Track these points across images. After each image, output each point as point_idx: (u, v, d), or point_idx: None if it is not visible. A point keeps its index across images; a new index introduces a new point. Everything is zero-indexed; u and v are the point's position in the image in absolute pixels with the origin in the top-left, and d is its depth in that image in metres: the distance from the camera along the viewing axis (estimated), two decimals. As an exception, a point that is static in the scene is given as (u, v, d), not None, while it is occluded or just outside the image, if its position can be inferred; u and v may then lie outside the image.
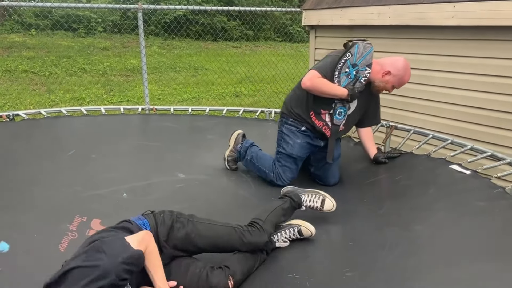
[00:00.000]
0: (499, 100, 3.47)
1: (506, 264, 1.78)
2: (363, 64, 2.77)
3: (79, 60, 10.94)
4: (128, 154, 3.53)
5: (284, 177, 2.98)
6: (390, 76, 2.85)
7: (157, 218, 2.00)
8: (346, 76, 2.78)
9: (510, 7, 3.24)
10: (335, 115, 2.87)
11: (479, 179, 2.56)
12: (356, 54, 2.75)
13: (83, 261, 1.58)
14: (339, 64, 2.77)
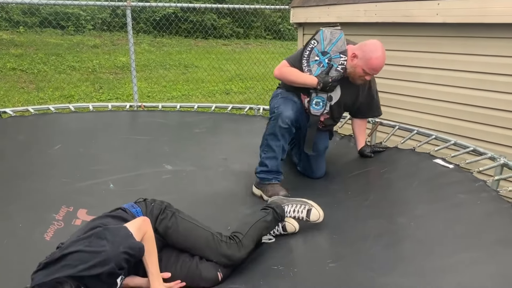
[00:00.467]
0: (483, 96, 3.53)
1: (485, 254, 1.82)
2: (335, 51, 2.67)
3: (68, 58, 10.87)
4: (116, 147, 3.54)
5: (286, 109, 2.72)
6: (357, 59, 2.65)
7: (148, 206, 2.03)
8: (318, 64, 2.69)
9: (494, 5, 3.29)
10: (312, 105, 2.78)
11: (462, 173, 2.60)
12: (323, 41, 2.66)
13: (85, 246, 1.60)
14: (305, 52, 2.69)
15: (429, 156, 2.88)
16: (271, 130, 2.74)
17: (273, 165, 2.78)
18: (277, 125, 2.71)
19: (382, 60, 2.66)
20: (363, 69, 2.65)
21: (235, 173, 3.18)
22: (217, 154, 3.47)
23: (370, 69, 2.65)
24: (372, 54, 2.62)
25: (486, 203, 2.22)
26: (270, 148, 2.76)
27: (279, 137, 2.72)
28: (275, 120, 2.72)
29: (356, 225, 2.32)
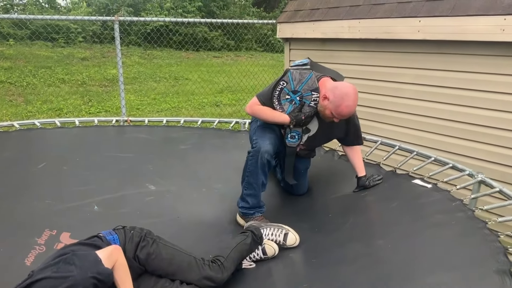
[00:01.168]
0: (463, 111, 3.58)
1: (457, 275, 1.84)
2: (306, 90, 2.63)
3: (58, 71, 10.88)
4: (100, 166, 3.53)
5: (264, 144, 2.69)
6: (327, 101, 2.57)
7: (127, 234, 2.03)
8: (289, 102, 2.66)
9: (471, 23, 3.36)
10: (287, 138, 2.77)
11: (439, 192, 2.63)
12: (293, 82, 2.62)
13: (53, 272, 1.61)
14: (275, 92, 2.66)
15: (408, 177, 2.91)
16: (251, 167, 2.72)
17: (254, 202, 2.77)
18: (257, 162, 2.68)
19: (352, 109, 2.60)
20: (331, 112, 2.59)
21: (219, 193, 3.18)
22: (201, 173, 3.47)
23: (339, 115, 2.59)
24: (343, 102, 2.53)
25: (461, 223, 2.24)
26: (250, 186, 2.75)
27: (259, 174, 2.71)
28: (254, 157, 2.69)
29: (335, 248, 2.34)
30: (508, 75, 3.29)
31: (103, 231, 2.02)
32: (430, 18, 3.67)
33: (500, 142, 3.39)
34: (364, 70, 4.41)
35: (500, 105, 3.36)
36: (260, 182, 2.75)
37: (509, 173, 3.36)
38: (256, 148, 2.69)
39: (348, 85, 2.60)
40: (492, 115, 3.41)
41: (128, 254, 1.95)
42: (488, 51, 3.39)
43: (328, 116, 2.63)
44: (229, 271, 2.11)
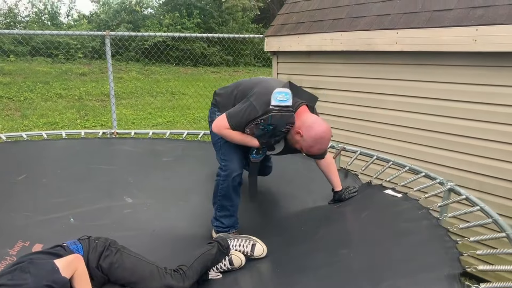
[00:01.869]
0: (441, 122, 3.61)
1: (411, 280, 1.85)
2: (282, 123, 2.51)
3: (56, 86, 11.01)
4: (81, 178, 3.56)
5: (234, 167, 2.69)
6: (299, 137, 2.51)
7: (91, 244, 2.06)
8: (262, 130, 2.52)
9: (445, 34, 3.41)
10: (252, 154, 2.71)
11: (408, 201, 2.64)
12: (271, 120, 2.48)
13: (8, 280, 1.64)
14: (250, 125, 2.53)
15: (381, 187, 2.93)
16: (224, 191, 2.71)
17: (230, 222, 2.79)
18: (229, 186, 2.68)
19: (323, 151, 2.64)
20: (301, 148, 2.56)
21: (196, 207, 3.20)
22: (180, 186, 3.49)
23: (308, 153, 2.61)
24: (315, 145, 2.50)
25: (424, 230, 2.26)
26: (224, 208, 2.76)
27: (233, 197, 2.73)
28: (226, 181, 2.68)
29: (300, 258, 2.36)
30: (481, 85, 3.32)
31: (68, 241, 2.05)
32: (407, 30, 3.73)
33: (475, 151, 3.41)
34: (346, 82, 4.46)
35: (475, 115, 3.39)
36: (235, 203, 2.77)
37: (486, 182, 3.37)
38: (228, 173, 2.68)
39: (323, 127, 2.49)
40: (468, 125, 3.44)
41: (91, 264, 1.98)
42: (463, 62, 3.43)
43: (296, 148, 2.60)
44: (191, 280, 2.13)
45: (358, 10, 4.35)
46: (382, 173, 3.18)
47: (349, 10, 4.43)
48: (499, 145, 3.25)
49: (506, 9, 3.11)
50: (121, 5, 16.47)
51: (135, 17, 15.80)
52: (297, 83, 2.73)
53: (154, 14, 17.22)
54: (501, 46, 3.07)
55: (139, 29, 15.54)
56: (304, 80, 5.01)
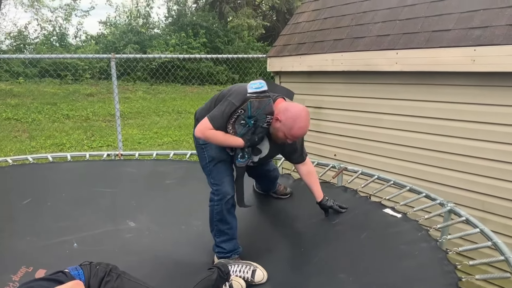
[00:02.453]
0: (440, 141, 3.62)
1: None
2: (262, 114, 2.56)
3: (63, 107, 11.16)
4: (85, 201, 3.59)
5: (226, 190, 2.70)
6: (279, 123, 2.57)
7: (92, 269, 2.09)
8: (243, 126, 2.57)
9: (444, 54, 3.44)
10: (237, 159, 2.68)
11: (408, 222, 2.65)
12: (250, 109, 2.54)
13: None
14: (231, 119, 2.56)
15: (380, 205, 2.94)
16: (219, 216, 2.72)
17: (230, 246, 2.77)
18: (223, 210, 2.70)
19: (304, 130, 2.62)
20: (284, 134, 2.59)
21: (197, 231, 3.20)
22: (183, 209, 3.50)
23: (292, 137, 2.61)
24: (295, 124, 2.55)
25: (423, 254, 2.27)
26: (223, 233, 2.76)
27: (228, 220, 2.74)
28: (219, 205, 2.70)
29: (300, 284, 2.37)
30: (480, 105, 3.34)
31: (69, 267, 2.08)
32: (406, 50, 3.76)
33: (476, 170, 3.41)
34: (347, 101, 4.49)
35: (474, 134, 3.40)
36: (233, 225, 2.77)
37: (487, 202, 3.36)
38: (220, 197, 2.69)
39: (299, 107, 2.61)
40: (468, 144, 3.44)
41: None
42: (462, 81, 3.45)
43: (281, 138, 2.63)
44: None
45: (358, 31, 4.40)
46: (383, 192, 3.19)
47: (349, 31, 4.49)
48: (499, 164, 3.25)
49: (503, 30, 3.13)
50: (128, 26, 16.74)
51: (141, 38, 16.04)
52: (299, 103, 2.79)
53: (160, 34, 17.47)
54: (499, 66, 3.09)
55: (146, 49, 15.75)
56: (306, 99, 5.05)
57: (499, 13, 3.22)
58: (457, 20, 3.50)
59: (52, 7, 17.94)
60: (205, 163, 2.78)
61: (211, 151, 2.72)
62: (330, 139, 4.79)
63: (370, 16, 4.35)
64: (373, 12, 4.36)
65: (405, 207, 2.95)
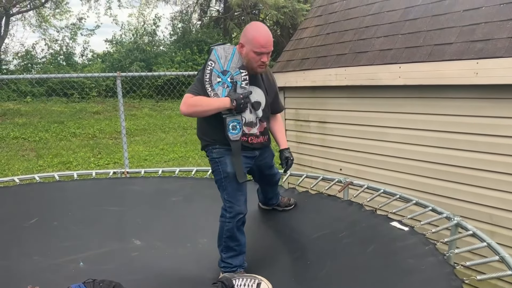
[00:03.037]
0: (445, 154, 3.61)
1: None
2: (234, 68, 2.55)
3: (70, 125, 11.25)
4: (91, 220, 3.60)
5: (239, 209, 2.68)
6: (243, 47, 2.55)
7: (96, 287, 2.09)
8: (222, 86, 2.54)
9: (447, 68, 3.45)
10: (229, 131, 2.57)
11: (415, 236, 2.63)
12: (220, 60, 2.54)
13: None
14: (205, 76, 2.54)
15: (387, 219, 2.93)
16: (229, 233, 2.69)
17: (237, 262, 2.74)
18: (233, 227, 2.67)
19: (265, 34, 2.54)
20: (253, 51, 2.51)
21: (203, 249, 3.19)
22: (189, 226, 3.50)
23: (259, 47, 2.51)
24: (255, 33, 2.52)
25: (430, 268, 2.25)
26: (230, 249, 2.73)
27: (238, 237, 2.71)
28: (231, 223, 2.67)
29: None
30: (484, 117, 3.33)
31: (73, 285, 2.09)
32: (409, 64, 3.77)
33: (482, 183, 3.39)
34: (352, 116, 4.50)
35: (479, 146, 3.38)
36: (242, 242, 2.75)
37: (495, 215, 3.33)
38: (233, 215, 2.67)
39: (253, 22, 2.68)
40: (473, 157, 3.42)
41: None
42: (465, 94, 3.45)
43: (255, 60, 2.55)
44: None
45: (361, 45, 4.43)
46: (389, 206, 3.18)
47: (352, 46, 4.51)
48: (507, 177, 3.22)
49: (505, 43, 3.14)
50: (134, 44, 16.93)
51: (147, 55, 16.20)
52: (304, 117, 2.83)
53: (166, 51, 17.64)
54: (502, 79, 3.09)
55: (151, 66, 15.90)
56: (311, 114, 5.07)
57: (500, 26, 3.24)
58: (459, 34, 3.51)
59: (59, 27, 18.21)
60: (219, 178, 2.73)
61: (226, 167, 2.66)
62: (336, 154, 4.79)
63: (373, 31, 4.38)
64: (375, 27, 4.38)
65: (412, 221, 2.94)
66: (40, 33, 18.34)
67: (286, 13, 16.02)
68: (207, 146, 2.75)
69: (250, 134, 2.70)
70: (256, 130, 2.74)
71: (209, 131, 2.71)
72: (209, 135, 2.72)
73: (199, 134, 2.82)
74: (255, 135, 2.74)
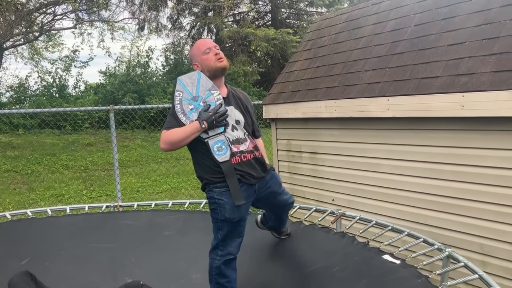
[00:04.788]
0: (434, 184, 3.66)
1: None
2: (204, 91, 2.55)
3: (62, 157, 11.22)
4: (84, 258, 3.57)
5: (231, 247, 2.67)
6: (196, 63, 2.68)
7: None
8: (196, 112, 2.55)
9: (434, 101, 3.54)
10: (215, 153, 2.53)
11: (407, 269, 2.67)
12: (187, 88, 2.56)
13: None
14: (176, 107, 2.56)
15: (379, 252, 2.95)
16: (218, 270, 2.69)
17: None
18: (222, 264, 2.68)
19: (201, 40, 2.79)
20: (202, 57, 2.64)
21: (196, 284, 3.19)
22: (182, 261, 3.50)
23: (203, 48, 2.66)
24: (194, 46, 2.75)
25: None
26: (221, 286, 2.73)
27: (227, 273, 2.71)
28: (219, 261, 2.68)
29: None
30: (471, 148, 3.40)
31: None
32: (397, 97, 3.87)
33: (472, 213, 3.43)
34: (343, 147, 4.57)
35: (467, 177, 3.45)
36: (232, 278, 2.74)
37: (486, 244, 3.36)
38: (224, 254, 2.68)
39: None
40: (462, 187, 3.48)
41: None
42: (452, 126, 3.53)
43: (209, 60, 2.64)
44: None
45: (349, 78, 4.53)
46: (382, 236, 3.21)
47: (341, 79, 4.62)
48: (494, 207, 3.27)
49: (488, 77, 3.25)
50: (127, 77, 17.06)
51: (140, 87, 16.32)
52: (296, 148, 2.84)
53: (158, 82, 17.79)
54: (487, 111, 3.18)
55: (144, 97, 16.00)
56: (303, 145, 5.13)
57: (483, 60, 3.35)
58: (444, 67, 3.62)
59: (52, 59, 18.35)
60: (216, 219, 2.69)
61: (225, 212, 2.61)
62: (328, 184, 4.83)
63: (361, 64, 4.50)
64: (364, 61, 4.50)
65: (405, 252, 2.96)
66: (33, 65, 18.47)
67: (276, 45, 16.32)
68: (207, 185, 2.67)
69: (241, 152, 2.62)
70: (247, 146, 2.67)
71: (204, 169, 2.65)
72: (206, 173, 2.65)
73: (197, 175, 2.78)
74: (247, 151, 2.66)
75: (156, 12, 18.55)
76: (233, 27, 18.08)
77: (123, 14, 35.33)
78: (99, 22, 17.35)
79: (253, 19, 21.05)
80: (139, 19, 18.37)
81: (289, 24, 20.19)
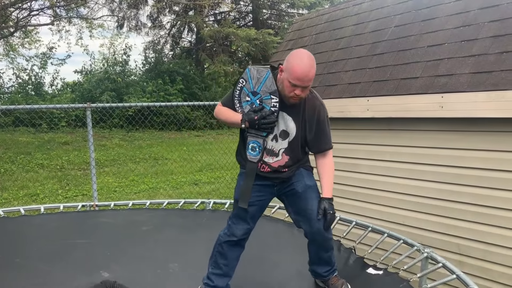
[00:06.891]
0: (413, 185, 3.69)
1: None
2: (265, 92, 2.47)
3: (37, 156, 10.96)
4: (57, 255, 3.48)
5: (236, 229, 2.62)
6: (282, 73, 2.41)
7: None
8: (250, 105, 2.51)
9: (413, 101, 3.56)
10: (248, 150, 2.53)
11: (389, 276, 2.68)
12: (251, 80, 2.50)
13: None
14: (235, 92, 2.53)
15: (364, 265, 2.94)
16: (220, 247, 2.67)
17: (219, 282, 2.69)
18: (225, 243, 2.65)
19: (304, 67, 2.33)
20: (289, 81, 2.35)
21: (174, 273, 3.15)
22: (158, 254, 3.44)
23: (294, 79, 2.33)
24: (295, 62, 2.34)
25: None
26: (218, 266, 2.69)
27: (228, 256, 2.67)
28: (223, 239, 2.66)
29: None
30: (450, 149, 3.43)
31: None
32: (377, 98, 3.88)
33: (450, 213, 3.46)
34: (323, 147, 4.56)
35: (445, 178, 3.48)
36: (231, 265, 2.69)
37: (463, 245, 3.40)
38: (228, 233, 2.65)
39: (301, 49, 2.48)
40: (440, 188, 3.51)
41: None
42: (431, 127, 3.56)
43: (289, 90, 2.38)
44: None
45: (330, 78, 4.53)
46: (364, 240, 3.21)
47: (321, 79, 4.62)
48: (472, 207, 3.31)
49: (467, 78, 3.28)
50: (105, 74, 16.82)
51: (118, 85, 16.10)
52: None
53: (137, 81, 17.59)
54: (465, 112, 3.21)
55: (122, 96, 15.79)
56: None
57: (462, 62, 3.38)
58: (424, 68, 3.65)
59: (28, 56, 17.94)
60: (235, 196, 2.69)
61: (237, 191, 2.63)
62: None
63: (341, 65, 4.51)
64: (344, 61, 4.51)
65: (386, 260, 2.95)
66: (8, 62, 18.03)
67: (257, 45, 16.32)
68: (240, 164, 2.69)
69: (264, 162, 2.56)
70: (272, 160, 2.56)
71: (240, 152, 2.67)
72: (240, 156, 2.68)
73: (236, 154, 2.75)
74: (268, 164, 2.57)
75: (136, 10, 18.33)
76: (214, 27, 18.00)
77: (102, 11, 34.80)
78: (77, 19, 17.03)
79: (234, 19, 21.03)
80: (118, 16, 18.13)
81: (270, 25, 20.26)
